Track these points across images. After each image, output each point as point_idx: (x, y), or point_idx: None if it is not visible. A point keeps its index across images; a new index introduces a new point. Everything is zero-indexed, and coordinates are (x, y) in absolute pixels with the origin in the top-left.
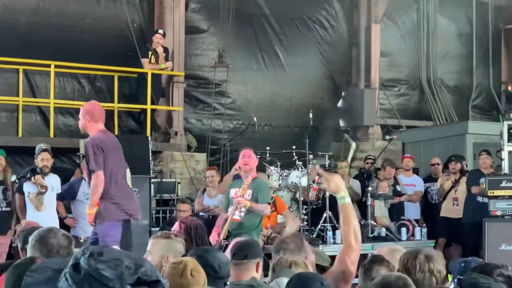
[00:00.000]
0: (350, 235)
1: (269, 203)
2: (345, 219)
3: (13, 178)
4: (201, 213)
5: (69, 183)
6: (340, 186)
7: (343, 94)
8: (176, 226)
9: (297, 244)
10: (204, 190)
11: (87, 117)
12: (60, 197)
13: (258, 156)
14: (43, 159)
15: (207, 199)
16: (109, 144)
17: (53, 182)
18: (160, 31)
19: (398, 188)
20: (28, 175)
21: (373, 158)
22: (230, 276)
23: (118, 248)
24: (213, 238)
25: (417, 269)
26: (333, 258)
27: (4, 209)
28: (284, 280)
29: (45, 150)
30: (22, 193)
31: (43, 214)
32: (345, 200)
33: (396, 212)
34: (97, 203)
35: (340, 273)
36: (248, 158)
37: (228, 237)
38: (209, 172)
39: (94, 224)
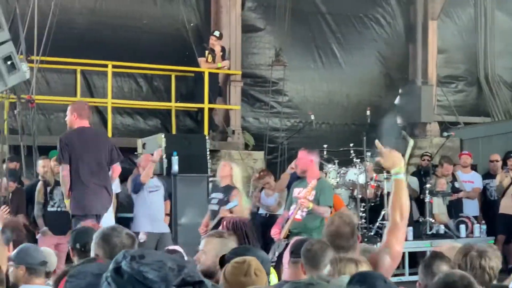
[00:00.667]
0: (396, 212)
1: (331, 206)
2: (394, 194)
3: None
4: (260, 211)
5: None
6: (396, 161)
7: (400, 91)
8: (222, 227)
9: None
10: (262, 188)
11: (75, 114)
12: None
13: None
14: None
15: (265, 197)
16: (77, 141)
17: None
18: (216, 33)
19: (456, 184)
20: None
21: (430, 155)
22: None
23: None
24: (276, 230)
25: (468, 266)
26: None
27: (64, 209)
28: (346, 279)
29: None
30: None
31: None
32: (398, 175)
33: (454, 209)
34: (68, 194)
35: (387, 253)
36: (299, 161)
37: (288, 236)
38: (263, 181)
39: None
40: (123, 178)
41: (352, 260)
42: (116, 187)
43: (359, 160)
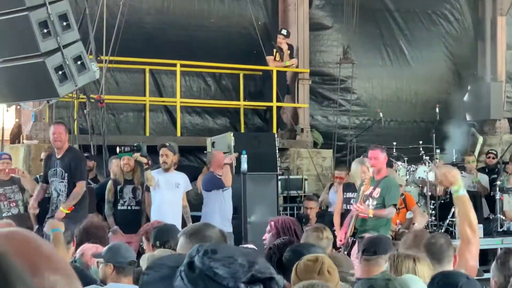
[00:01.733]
0: (466, 228)
1: (395, 205)
2: (460, 211)
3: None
4: (329, 209)
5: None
6: (452, 180)
7: (469, 88)
8: (267, 227)
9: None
10: (331, 185)
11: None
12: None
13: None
14: (162, 155)
15: (334, 195)
16: None
17: (178, 179)
18: (284, 31)
19: None
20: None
21: (495, 152)
22: None
23: None
24: (341, 238)
25: None
26: None
27: (134, 207)
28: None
29: (163, 145)
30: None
31: (167, 211)
32: (459, 192)
33: None
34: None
35: (461, 268)
36: (374, 161)
37: (354, 234)
38: (338, 173)
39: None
40: (192, 177)
41: (410, 256)
42: (185, 184)
43: (428, 157)
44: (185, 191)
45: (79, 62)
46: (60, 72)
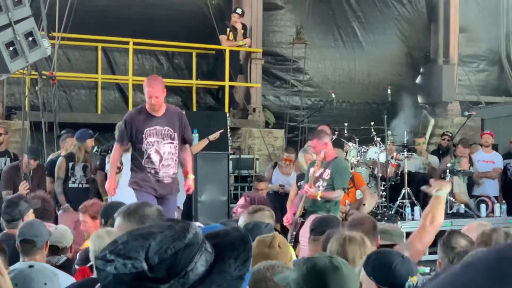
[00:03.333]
0: (428, 217)
1: (344, 188)
2: (431, 206)
3: (94, 149)
4: (272, 190)
5: None
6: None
7: (421, 70)
8: (241, 200)
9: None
10: (275, 164)
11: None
12: None
13: (336, 133)
14: None
15: (280, 175)
16: None
17: None
18: (238, 10)
19: (471, 169)
20: (107, 152)
21: (450, 134)
22: None
23: None
24: (288, 217)
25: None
26: (410, 234)
27: (84, 185)
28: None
29: None
30: (103, 169)
31: (123, 191)
32: (439, 193)
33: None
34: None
35: (406, 249)
36: (314, 150)
37: (304, 214)
38: (287, 155)
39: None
40: None
41: (356, 238)
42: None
43: (379, 138)
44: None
45: (30, 38)
46: (11, 48)
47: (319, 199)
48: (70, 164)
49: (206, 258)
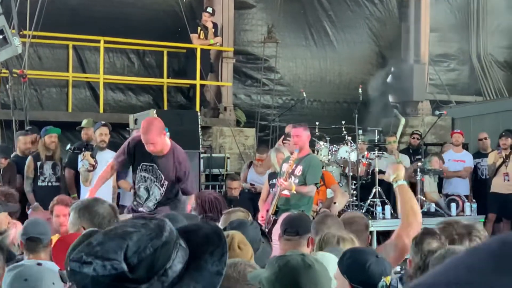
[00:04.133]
0: (409, 214)
1: (317, 184)
2: (402, 199)
3: (67, 147)
4: (243, 185)
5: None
6: (399, 173)
7: (392, 69)
8: (192, 201)
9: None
10: (251, 164)
11: None
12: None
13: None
14: (102, 134)
15: (255, 174)
16: None
17: (110, 158)
18: (209, 9)
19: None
20: (80, 150)
21: (419, 133)
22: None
23: None
24: (261, 215)
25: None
26: (381, 233)
27: (54, 183)
28: (331, 256)
29: (104, 125)
30: (72, 167)
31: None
32: (399, 182)
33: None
34: None
35: (394, 246)
36: (297, 138)
37: (276, 212)
38: (259, 156)
39: None
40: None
41: (334, 236)
42: None
43: (350, 137)
44: None
45: (1, 36)
46: None
47: (294, 192)
48: (39, 163)
49: (182, 255)
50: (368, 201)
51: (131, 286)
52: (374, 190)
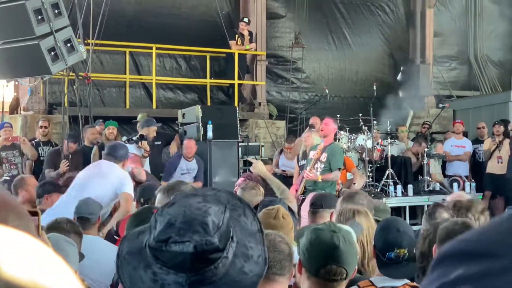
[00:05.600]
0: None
1: (340, 168)
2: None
3: (124, 139)
4: (275, 170)
5: (168, 162)
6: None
7: (401, 69)
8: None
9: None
10: (281, 151)
11: None
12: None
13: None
14: (154, 131)
15: (285, 160)
16: None
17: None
18: (245, 19)
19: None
20: (136, 139)
21: (429, 123)
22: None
23: None
24: (292, 192)
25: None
26: (393, 209)
27: None
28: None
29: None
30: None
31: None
32: None
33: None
34: None
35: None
36: (324, 126)
37: (304, 192)
38: (287, 145)
39: None
40: (166, 143)
41: (350, 210)
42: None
43: (366, 127)
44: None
45: (68, 45)
46: (52, 53)
47: (320, 181)
48: (103, 152)
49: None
50: (382, 182)
51: (219, 256)
52: (387, 172)
